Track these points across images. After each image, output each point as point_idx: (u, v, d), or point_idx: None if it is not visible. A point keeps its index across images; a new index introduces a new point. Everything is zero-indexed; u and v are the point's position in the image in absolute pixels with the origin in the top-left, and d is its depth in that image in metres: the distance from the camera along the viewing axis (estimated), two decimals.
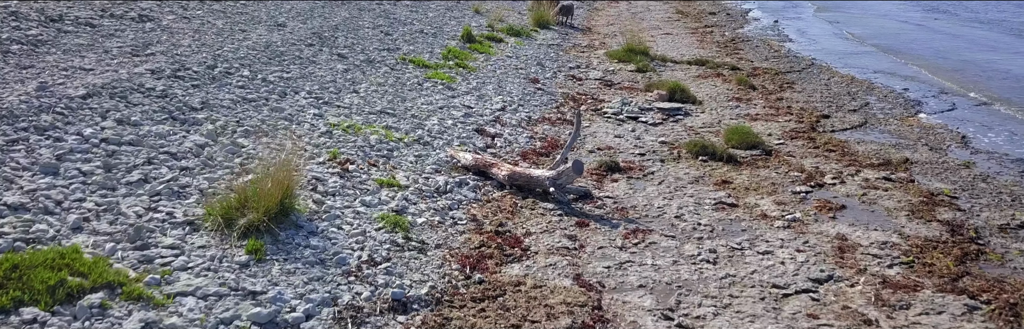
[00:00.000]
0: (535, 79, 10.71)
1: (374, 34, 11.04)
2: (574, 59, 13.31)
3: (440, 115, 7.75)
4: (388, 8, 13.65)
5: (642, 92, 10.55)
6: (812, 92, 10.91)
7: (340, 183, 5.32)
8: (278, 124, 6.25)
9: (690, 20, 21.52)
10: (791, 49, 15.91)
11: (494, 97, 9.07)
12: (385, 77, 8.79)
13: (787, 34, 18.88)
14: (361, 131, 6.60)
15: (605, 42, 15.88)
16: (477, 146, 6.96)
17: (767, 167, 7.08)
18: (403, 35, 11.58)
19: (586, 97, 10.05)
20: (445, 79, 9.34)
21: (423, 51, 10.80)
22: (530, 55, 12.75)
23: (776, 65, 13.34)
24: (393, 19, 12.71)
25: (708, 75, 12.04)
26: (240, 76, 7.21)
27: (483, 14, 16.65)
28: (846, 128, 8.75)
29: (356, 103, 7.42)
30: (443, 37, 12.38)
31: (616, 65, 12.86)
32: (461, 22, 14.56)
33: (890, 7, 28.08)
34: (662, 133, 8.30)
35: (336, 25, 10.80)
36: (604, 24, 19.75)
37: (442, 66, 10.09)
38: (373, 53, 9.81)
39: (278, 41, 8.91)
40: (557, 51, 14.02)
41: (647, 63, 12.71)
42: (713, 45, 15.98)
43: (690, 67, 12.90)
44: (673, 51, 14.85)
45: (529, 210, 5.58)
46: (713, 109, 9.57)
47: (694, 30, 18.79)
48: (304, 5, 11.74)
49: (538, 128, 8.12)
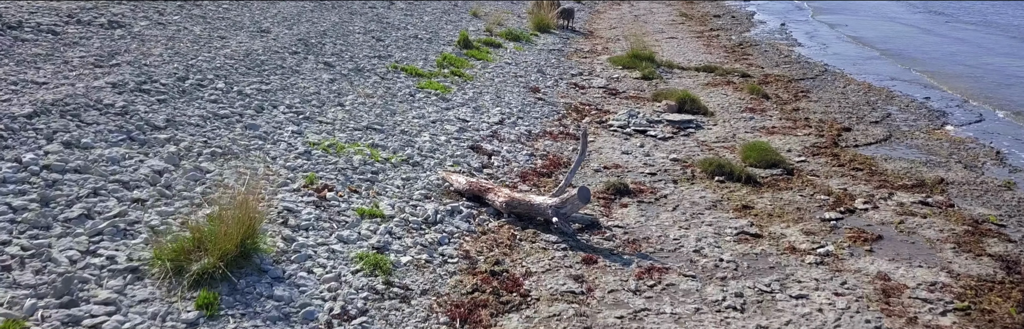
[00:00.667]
0: (535, 88, 10.09)
1: (365, 40, 10.42)
2: (576, 65, 12.69)
3: (432, 130, 7.13)
4: (381, 12, 13.04)
5: (649, 102, 9.93)
6: (829, 102, 10.29)
7: (315, 215, 4.69)
8: (251, 144, 5.63)
9: (695, 23, 20.91)
10: (801, 54, 15.30)
11: (491, 109, 8.45)
12: (374, 88, 8.17)
13: (796, 38, 18.27)
14: (344, 150, 5.98)
15: (608, 47, 15.26)
16: (472, 166, 6.34)
17: (790, 189, 6.45)
18: (396, 41, 10.96)
19: (590, 108, 9.43)
20: (439, 89, 8.72)
21: (417, 58, 10.18)
22: (530, 61, 12.14)
23: (788, 71, 12.73)
24: (386, 24, 12.09)
25: (718, 83, 11.42)
26: (213, 89, 6.59)
27: (481, 18, 16.04)
28: (871, 143, 8.13)
29: (340, 118, 6.80)
30: (438, 43, 11.76)
31: (620, 72, 12.25)
32: (458, 26, 13.95)
33: (889, 9, 27.47)
34: (673, 149, 7.68)
35: (324, 31, 10.18)
36: (606, 27, 19.14)
37: (436, 75, 9.47)
38: (363, 61, 9.19)
39: (260, 49, 8.30)
40: (558, 57, 13.41)
41: (653, 70, 12.09)
42: (720, 50, 15.37)
43: (698, 74, 12.28)
44: (679, 56, 14.23)
45: (529, 243, 4.96)
46: (726, 121, 8.94)
47: (700, 34, 18.18)
48: (292, 9, 11.13)
49: (539, 144, 7.50)
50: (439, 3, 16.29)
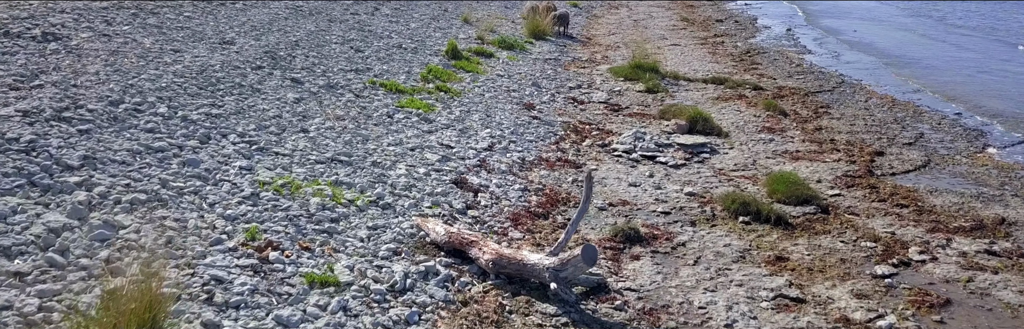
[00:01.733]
0: (530, 104, 9.12)
1: (342, 51, 9.45)
2: (574, 77, 11.74)
3: (410, 160, 6.16)
4: (364, 19, 12.07)
5: (656, 120, 8.98)
6: (853, 119, 9.35)
7: (251, 285, 3.71)
8: (186, 186, 4.65)
9: (697, 28, 19.99)
10: (813, 63, 14.38)
11: (480, 131, 7.49)
12: (347, 108, 7.20)
13: (804, 45, 17.36)
14: (300, 191, 5.00)
15: (608, 55, 14.31)
16: (454, 208, 5.36)
17: (828, 232, 5.50)
18: (377, 52, 9.98)
19: (590, 127, 8.47)
20: (422, 108, 7.75)
21: (399, 71, 9.21)
22: (524, 73, 11.18)
23: (803, 83, 11.80)
24: (368, 32, 11.12)
25: (729, 97, 10.48)
26: (153, 115, 5.61)
27: (473, 24, 15.08)
28: (909, 170, 7.19)
29: (302, 148, 5.82)
30: (424, 53, 10.79)
31: (623, 84, 11.30)
32: (447, 34, 12.99)
33: (881, 13, 26.60)
34: (687, 179, 6.72)
35: (297, 41, 9.20)
36: (605, 33, 18.20)
37: (420, 90, 8.50)
38: (337, 76, 8.22)
39: (218, 64, 7.32)
40: (555, 67, 12.45)
41: (657, 82, 11.15)
42: (727, 58, 14.43)
43: (707, 86, 11.33)
44: (684, 66, 13.29)
45: (521, 317, 3.99)
46: (743, 143, 7.99)
47: (704, 40, 17.25)
48: (263, 17, 10.15)
49: (534, 174, 6.54)
50: (428, 8, 15.33)
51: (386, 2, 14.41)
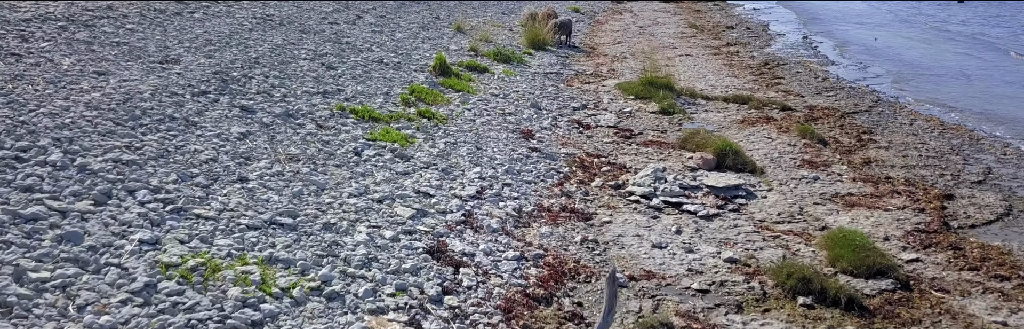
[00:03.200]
0: (528, 132, 7.83)
1: (311, 69, 8.15)
2: (578, 94, 10.44)
3: (375, 218, 4.86)
4: (342, 29, 10.77)
5: (675, 150, 7.69)
6: (903, 148, 8.06)
7: None
8: (52, 278, 3.35)
9: (707, 36, 18.73)
10: (839, 76, 13.10)
11: (468, 171, 6.19)
12: (304, 144, 5.90)
13: (825, 54, 16.09)
14: (217, 275, 3.70)
15: (614, 68, 13.02)
16: (427, 294, 4.06)
17: (918, 322, 4.21)
18: (353, 68, 8.69)
19: (600, 161, 7.17)
20: (398, 141, 6.45)
21: (376, 93, 7.92)
22: (522, 91, 9.88)
23: (835, 102, 10.50)
24: (345, 45, 9.83)
25: (755, 120, 9.18)
26: (39, 165, 4.32)
27: (466, 33, 13.79)
28: (990, 220, 5.90)
29: (234, 206, 4.52)
30: (409, 69, 9.50)
31: (633, 103, 10.01)
32: (436, 45, 11.70)
33: (876, 19, 25.36)
34: (723, 235, 5.42)
35: (257, 58, 7.90)
36: (610, 42, 16.93)
37: (398, 117, 7.21)
38: (299, 101, 6.92)
39: (149, 90, 6.02)
40: (557, 83, 11.16)
41: (673, 101, 9.86)
42: (745, 71, 13.15)
43: (728, 106, 10.04)
44: (700, 81, 12.00)
45: None
46: (783, 183, 6.70)
47: (716, 50, 15.97)
48: (223, 28, 8.85)
49: (533, 233, 5.24)
50: (417, 16, 14.04)
51: (371, 9, 13.13)
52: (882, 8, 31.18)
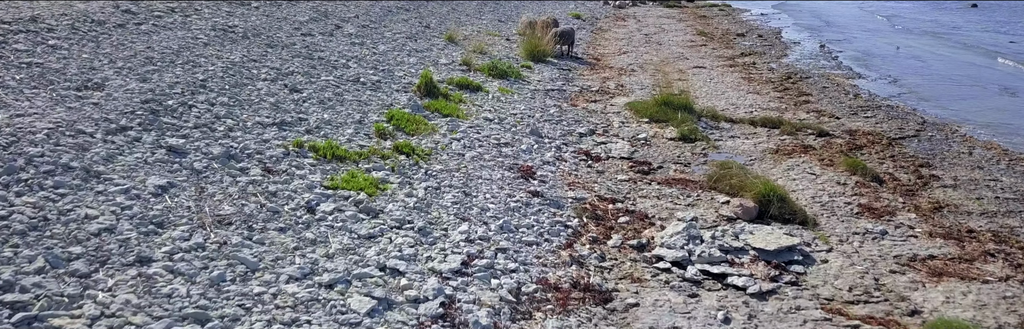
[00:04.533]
0: (528, 169, 6.54)
1: (271, 92, 6.86)
2: (585, 117, 9.16)
3: (319, 316, 3.55)
4: (317, 42, 9.49)
5: (705, 191, 6.41)
6: (972, 186, 6.79)
7: None
8: None
9: (719, 45, 17.48)
10: (871, 92, 11.85)
11: (453, 230, 4.89)
12: (242, 198, 4.61)
13: (848, 66, 14.83)
14: None
15: (623, 83, 11.74)
16: None
17: None
18: (322, 90, 7.41)
19: (616, 210, 5.88)
20: (365, 189, 5.16)
21: (346, 122, 6.63)
22: (521, 113, 8.60)
23: (876, 125, 9.24)
24: (318, 61, 8.54)
25: (791, 148, 7.91)
26: None
27: (459, 44, 12.52)
28: None
29: (117, 308, 3.22)
30: (389, 89, 8.23)
31: (648, 127, 8.73)
32: (424, 59, 10.42)
33: (872, 26, 24.13)
34: (786, 326, 4.12)
35: (206, 79, 6.61)
36: (615, 52, 15.66)
37: (370, 154, 5.91)
38: (247, 136, 5.63)
39: (46, 129, 4.73)
40: (559, 102, 9.88)
41: (694, 125, 8.58)
42: (767, 86, 11.88)
43: (757, 131, 8.77)
44: (720, 99, 10.73)
45: None
46: (844, 240, 5.41)
47: (731, 61, 14.71)
48: (172, 43, 7.55)
49: (536, 327, 3.93)
50: (404, 25, 12.76)
51: (353, 18, 11.85)
52: (894, 13, 29.99)
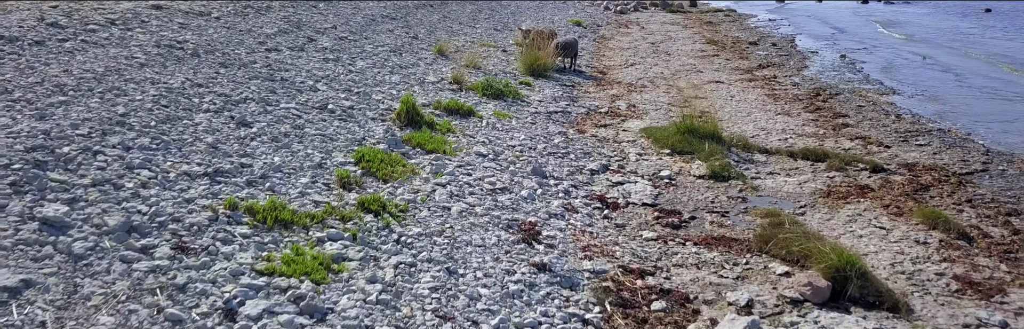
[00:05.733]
0: (530, 227, 5.19)
1: (211, 128, 5.51)
2: (595, 147, 7.83)
3: None
4: (283, 59, 8.14)
5: (755, 254, 5.07)
6: None
7: None
8: None
9: (732, 55, 16.19)
10: (913, 111, 10.55)
11: None
12: (128, 302, 3.25)
13: (877, 79, 13.54)
14: None
15: (635, 103, 10.42)
16: None
17: None
18: (277, 122, 6.06)
19: (648, 287, 4.53)
20: (313, 274, 3.81)
21: (302, 166, 5.28)
22: (520, 144, 7.27)
23: (933, 155, 7.93)
24: (280, 83, 7.20)
25: (845, 190, 6.59)
26: None
27: (449, 57, 11.19)
28: None
29: None
30: (363, 117, 6.89)
31: (670, 160, 7.41)
32: (409, 77, 9.08)
33: (904, 29, 22.87)
34: None
35: (128, 113, 5.26)
36: (621, 64, 14.35)
37: (327, 215, 4.56)
38: (164, 196, 4.28)
39: None
40: (564, 127, 8.55)
41: (724, 158, 7.26)
42: (796, 105, 10.58)
43: (798, 165, 7.45)
44: (746, 121, 9.41)
45: None
46: None
47: (749, 74, 13.40)
48: (99, 64, 6.20)
49: None
50: (389, 37, 11.42)
51: (329, 30, 10.51)
52: (909, 18, 28.75)
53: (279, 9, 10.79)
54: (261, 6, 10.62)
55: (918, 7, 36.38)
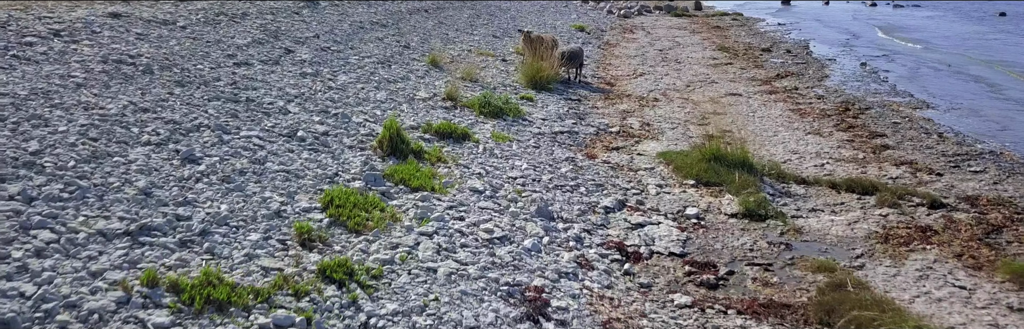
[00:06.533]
0: (536, 297, 4.19)
1: (147, 167, 4.50)
2: (608, 177, 6.84)
3: None
4: (252, 74, 7.15)
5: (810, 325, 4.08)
6: None
7: None
8: None
9: (746, 63, 15.21)
10: (954, 128, 9.56)
11: None
12: None
13: (906, 91, 12.55)
14: None
15: (648, 120, 9.43)
16: None
17: None
18: (232, 156, 5.05)
19: None
20: None
21: (254, 216, 4.27)
22: (522, 177, 6.27)
23: (995, 186, 6.94)
24: (244, 104, 6.20)
25: (904, 232, 5.60)
26: None
27: (444, 68, 10.20)
28: None
29: None
30: (338, 146, 5.89)
31: (696, 193, 6.41)
32: (396, 94, 8.08)
33: (918, 33, 21.89)
34: None
35: (39, 152, 4.26)
36: (629, 74, 13.36)
37: (276, 289, 3.55)
38: (65, 267, 3.28)
39: None
40: (571, 151, 7.56)
41: (757, 190, 6.27)
42: (826, 122, 9.59)
43: (843, 198, 6.46)
44: (774, 142, 8.42)
45: None
46: None
47: (768, 85, 12.42)
48: (25, 85, 5.20)
49: None
50: (378, 46, 10.43)
51: (310, 40, 9.52)
52: (922, 23, 27.81)
53: (256, 16, 9.81)
54: (236, 13, 9.64)
55: (929, 10, 35.44)
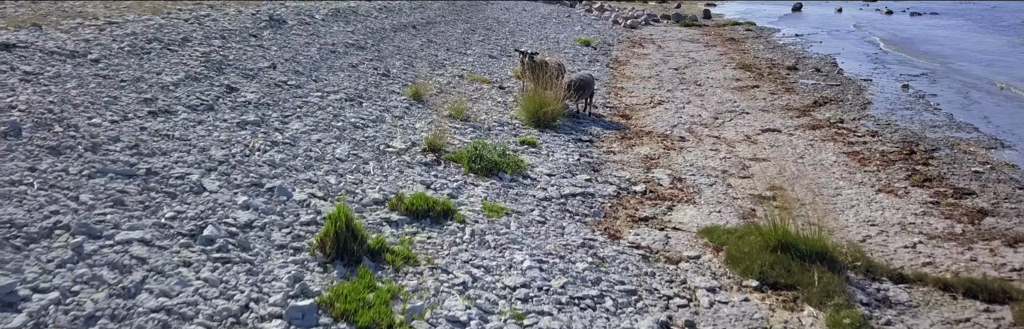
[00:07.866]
0: None
1: None
2: (638, 275, 5.06)
3: None
4: (170, 127, 5.38)
5: None
6: None
7: None
8: None
9: (774, 85, 13.48)
10: None
11: None
12: None
13: (967, 123, 10.82)
14: None
15: (679, 174, 7.66)
16: None
17: None
18: (83, 287, 3.28)
19: None
20: None
21: None
22: (520, 288, 4.49)
23: None
24: (141, 180, 4.43)
25: None
26: None
27: (428, 103, 8.45)
28: None
29: None
30: (261, 248, 4.11)
31: (762, 303, 4.66)
32: (362, 146, 6.30)
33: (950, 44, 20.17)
34: None
35: None
36: (646, 101, 11.61)
37: None
38: None
39: None
40: (586, 225, 5.78)
41: (848, 301, 4.51)
42: (895, 172, 7.84)
43: (966, 313, 4.70)
44: (838, 205, 6.67)
45: None
46: None
47: (807, 116, 10.68)
48: None
49: None
50: (351, 76, 8.65)
51: (265, 70, 7.76)
52: (947, 33, 26.08)
53: (200, 42, 8.05)
54: (175, 38, 7.88)
55: (947, 19, 33.72)
